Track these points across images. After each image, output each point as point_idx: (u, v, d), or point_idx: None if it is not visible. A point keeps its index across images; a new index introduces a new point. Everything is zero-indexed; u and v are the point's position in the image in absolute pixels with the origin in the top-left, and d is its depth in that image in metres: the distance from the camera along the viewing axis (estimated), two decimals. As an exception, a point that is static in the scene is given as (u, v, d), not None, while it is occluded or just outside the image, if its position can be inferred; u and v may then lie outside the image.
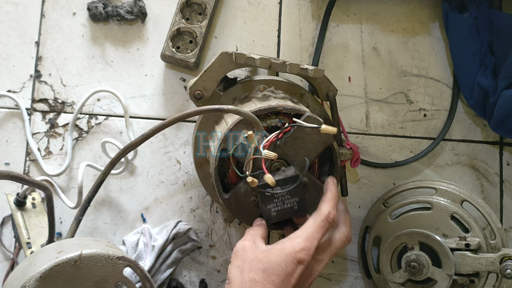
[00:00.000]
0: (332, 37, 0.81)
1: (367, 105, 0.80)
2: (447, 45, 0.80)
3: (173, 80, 0.79)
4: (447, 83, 0.81)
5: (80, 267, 0.54)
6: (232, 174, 0.62)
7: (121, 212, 0.77)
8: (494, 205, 0.79)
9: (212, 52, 0.80)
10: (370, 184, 0.80)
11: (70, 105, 0.78)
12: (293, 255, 0.55)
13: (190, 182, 0.78)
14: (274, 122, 0.61)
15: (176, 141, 0.79)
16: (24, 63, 0.79)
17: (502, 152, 0.80)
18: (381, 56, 0.81)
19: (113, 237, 0.77)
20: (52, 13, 0.80)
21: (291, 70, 0.66)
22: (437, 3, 0.81)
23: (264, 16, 0.81)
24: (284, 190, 0.59)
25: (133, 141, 0.62)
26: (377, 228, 0.74)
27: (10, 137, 0.78)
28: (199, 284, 0.77)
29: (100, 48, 0.80)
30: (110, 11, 0.78)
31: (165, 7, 0.80)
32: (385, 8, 0.81)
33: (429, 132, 0.80)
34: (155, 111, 0.79)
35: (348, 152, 0.67)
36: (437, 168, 0.80)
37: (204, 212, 0.78)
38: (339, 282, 0.79)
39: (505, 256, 0.66)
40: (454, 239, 0.68)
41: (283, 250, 0.55)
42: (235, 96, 0.68)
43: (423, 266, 0.67)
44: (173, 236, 0.74)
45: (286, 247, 0.55)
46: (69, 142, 0.77)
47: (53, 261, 0.53)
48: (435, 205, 0.70)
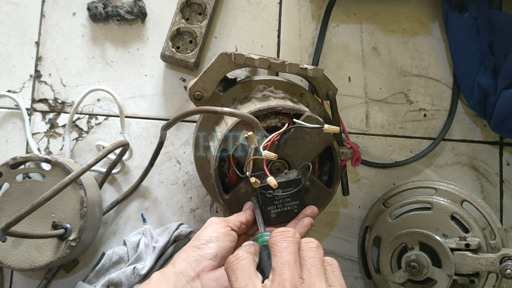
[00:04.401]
0: (332, 37, 0.81)
1: (367, 105, 0.80)
2: (447, 45, 0.80)
3: (173, 80, 0.79)
4: (447, 83, 0.81)
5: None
6: (233, 174, 0.62)
7: (121, 212, 0.77)
8: (494, 205, 0.79)
9: (212, 52, 0.80)
10: (370, 184, 0.80)
11: (70, 105, 0.78)
12: None
13: (190, 182, 0.78)
14: (274, 122, 0.61)
15: (176, 141, 0.79)
16: (24, 63, 0.79)
17: (502, 152, 0.80)
18: (381, 56, 0.81)
19: (113, 237, 0.77)
20: (52, 13, 0.80)
21: (290, 70, 0.66)
22: (437, 3, 0.81)
23: (264, 16, 0.81)
24: (285, 193, 0.59)
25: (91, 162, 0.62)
26: (377, 228, 0.74)
27: (10, 137, 0.78)
28: (199, 284, 0.77)
29: (100, 48, 0.80)
30: (110, 11, 0.78)
31: (165, 7, 0.80)
32: (385, 8, 0.81)
33: (429, 132, 0.80)
34: (155, 111, 0.79)
35: (348, 151, 0.67)
36: (437, 168, 0.80)
37: (204, 212, 0.78)
38: (339, 282, 0.78)
39: (505, 256, 0.66)
40: (454, 239, 0.68)
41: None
42: (235, 97, 0.68)
43: (423, 266, 0.67)
44: (175, 239, 0.74)
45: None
46: (67, 141, 0.77)
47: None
48: (435, 205, 0.70)
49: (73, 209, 0.67)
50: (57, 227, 0.67)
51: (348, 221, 0.79)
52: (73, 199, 0.67)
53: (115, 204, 0.76)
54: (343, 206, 0.79)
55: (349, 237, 0.79)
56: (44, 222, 0.67)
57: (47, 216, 0.67)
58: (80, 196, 0.67)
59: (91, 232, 0.72)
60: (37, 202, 0.58)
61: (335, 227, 0.79)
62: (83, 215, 0.67)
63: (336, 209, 0.79)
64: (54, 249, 0.67)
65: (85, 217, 0.67)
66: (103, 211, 0.75)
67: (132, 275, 0.71)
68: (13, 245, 0.67)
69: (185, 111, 0.62)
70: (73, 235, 0.67)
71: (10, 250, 0.67)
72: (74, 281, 0.75)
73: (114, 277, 0.70)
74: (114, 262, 0.74)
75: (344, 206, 0.79)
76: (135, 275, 0.70)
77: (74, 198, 0.67)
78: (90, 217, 0.69)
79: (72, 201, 0.67)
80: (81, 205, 0.67)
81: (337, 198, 0.79)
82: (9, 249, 0.67)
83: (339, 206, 0.79)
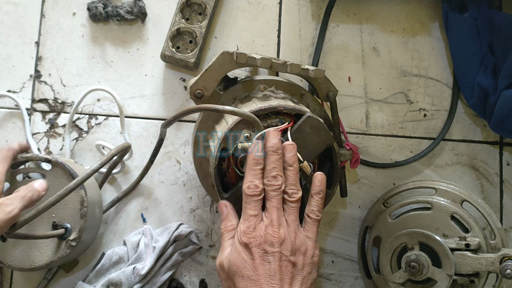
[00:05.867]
0: (332, 37, 0.81)
1: (367, 105, 0.80)
2: (447, 45, 0.80)
3: (173, 80, 0.79)
4: (447, 83, 0.81)
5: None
6: (232, 173, 0.62)
7: (121, 212, 0.77)
8: (494, 205, 0.79)
9: (212, 52, 0.80)
10: (370, 184, 0.80)
11: (70, 105, 0.78)
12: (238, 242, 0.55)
13: (190, 182, 0.78)
14: (275, 122, 0.61)
15: (176, 141, 0.79)
16: (24, 63, 0.79)
17: (502, 152, 0.80)
18: (381, 56, 0.81)
19: (113, 237, 0.77)
20: (52, 13, 0.80)
21: (292, 70, 0.66)
22: (437, 3, 0.81)
23: (264, 16, 0.81)
24: None
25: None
26: (377, 228, 0.74)
27: (10, 137, 0.78)
28: (199, 284, 0.77)
29: (100, 48, 0.80)
30: (110, 11, 0.78)
31: (165, 7, 0.80)
32: (385, 8, 0.81)
33: (429, 132, 0.80)
34: (155, 111, 0.79)
35: (348, 152, 0.67)
36: (437, 168, 0.80)
37: (204, 212, 0.78)
38: (339, 282, 0.79)
39: (505, 256, 0.65)
40: (454, 239, 0.68)
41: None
42: (235, 96, 0.68)
43: (423, 266, 0.67)
44: (175, 239, 0.74)
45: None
46: (67, 141, 0.77)
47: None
48: (435, 205, 0.70)
49: (73, 209, 0.67)
50: (57, 227, 0.67)
51: (348, 221, 0.79)
52: (74, 199, 0.67)
53: (115, 202, 0.76)
54: (342, 206, 0.79)
55: (349, 237, 0.79)
56: (44, 221, 0.67)
57: (47, 216, 0.67)
58: (81, 196, 0.67)
59: (91, 232, 0.72)
60: (42, 207, 0.59)
61: (335, 227, 0.79)
62: (83, 215, 0.67)
63: (336, 209, 0.79)
64: (54, 249, 0.67)
65: (85, 217, 0.67)
66: (103, 211, 0.75)
67: (132, 275, 0.71)
68: (13, 244, 0.67)
69: (186, 109, 0.62)
70: (73, 235, 0.67)
71: (10, 250, 0.67)
72: (74, 281, 0.75)
73: (114, 277, 0.71)
74: (114, 262, 0.74)
75: (344, 206, 0.79)
76: (135, 275, 0.70)
77: (75, 198, 0.67)
78: (90, 217, 0.69)
79: (72, 201, 0.67)
80: (81, 205, 0.67)
81: (337, 198, 0.79)
82: (9, 249, 0.67)
83: (338, 206, 0.79)
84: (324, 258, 0.79)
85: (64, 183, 0.67)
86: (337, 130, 0.68)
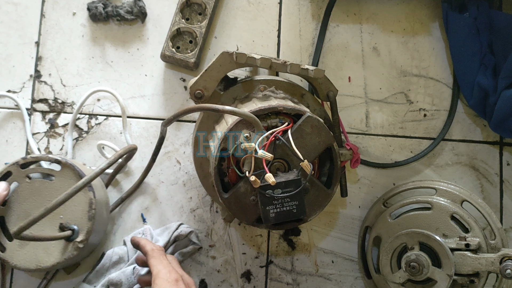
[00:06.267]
0: (332, 37, 0.81)
1: (367, 105, 0.80)
2: (447, 45, 0.80)
3: (173, 80, 0.79)
4: (447, 83, 0.81)
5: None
6: (232, 173, 0.62)
7: (121, 212, 0.77)
8: (494, 205, 0.79)
9: (212, 52, 0.80)
10: (370, 184, 0.80)
11: (70, 105, 0.78)
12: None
13: (190, 182, 0.78)
14: (275, 122, 0.61)
15: (176, 141, 0.79)
16: (24, 63, 0.79)
17: (502, 152, 0.80)
18: (381, 56, 0.81)
19: (113, 237, 0.77)
20: (52, 13, 0.80)
21: (292, 70, 0.66)
22: (437, 3, 0.81)
23: (264, 16, 0.81)
24: (285, 195, 0.59)
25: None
26: (377, 228, 0.74)
27: (10, 137, 0.78)
28: (199, 284, 0.77)
29: (100, 48, 0.80)
30: (110, 11, 0.78)
31: (165, 7, 0.80)
32: (385, 8, 0.81)
33: (429, 132, 0.80)
34: (155, 111, 0.79)
35: (348, 152, 0.67)
36: (437, 168, 0.80)
37: (204, 212, 0.78)
38: (339, 282, 0.79)
39: (505, 256, 0.66)
40: (454, 239, 0.68)
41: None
42: (235, 96, 0.68)
43: (423, 266, 0.67)
44: (175, 239, 0.74)
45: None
46: (69, 142, 0.77)
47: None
48: (435, 205, 0.70)
49: (81, 211, 0.67)
50: (65, 228, 0.67)
51: (348, 221, 0.79)
52: (82, 200, 0.67)
53: (119, 203, 0.76)
54: (342, 206, 0.79)
55: (349, 237, 0.79)
56: (52, 222, 0.67)
57: (55, 217, 0.67)
58: (89, 198, 0.67)
59: (98, 234, 0.71)
60: (51, 206, 0.58)
61: (335, 227, 0.79)
62: (91, 217, 0.67)
63: (336, 209, 0.79)
64: (61, 250, 0.67)
65: (93, 219, 0.67)
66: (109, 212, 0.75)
67: (132, 275, 0.71)
68: (20, 244, 0.67)
69: (186, 108, 0.62)
70: (80, 237, 0.67)
71: (16, 250, 0.67)
72: (74, 281, 0.75)
73: (114, 277, 0.70)
74: (114, 262, 0.74)
75: (344, 206, 0.79)
76: (135, 275, 0.70)
77: (83, 199, 0.67)
78: (98, 218, 0.69)
79: (80, 202, 0.67)
80: (89, 207, 0.67)
81: (337, 198, 0.79)
82: (15, 249, 0.67)
83: (338, 206, 0.79)
84: (324, 258, 0.79)
85: (73, 184, 0.67)
86: (337, 130, 0.68)
